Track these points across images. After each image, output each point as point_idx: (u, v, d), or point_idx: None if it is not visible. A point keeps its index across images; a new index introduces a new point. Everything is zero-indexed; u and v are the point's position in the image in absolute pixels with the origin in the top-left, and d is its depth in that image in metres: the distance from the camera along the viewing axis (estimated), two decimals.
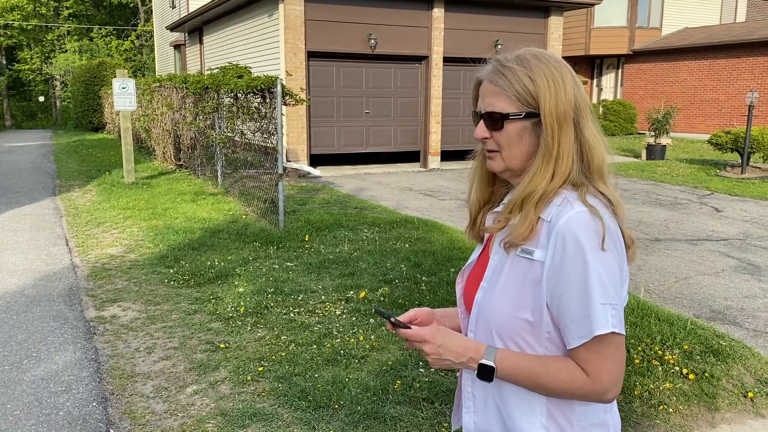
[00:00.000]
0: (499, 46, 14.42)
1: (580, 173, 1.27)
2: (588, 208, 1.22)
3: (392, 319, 1.37)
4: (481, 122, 1.33)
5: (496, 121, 1.29)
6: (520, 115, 1.27)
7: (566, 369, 1.24)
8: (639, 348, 4.01)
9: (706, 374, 3.73)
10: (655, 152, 15.16)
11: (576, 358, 1.23)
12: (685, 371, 3.75)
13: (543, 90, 1.25)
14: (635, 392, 3.53)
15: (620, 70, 22.39)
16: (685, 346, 4.04)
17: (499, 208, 1.39)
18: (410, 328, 1.36)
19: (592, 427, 1.31)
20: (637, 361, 3.85)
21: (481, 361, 1.28)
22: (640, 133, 20.39)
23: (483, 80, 1.34)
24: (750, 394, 3.57)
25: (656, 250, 6.85)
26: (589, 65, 22.88)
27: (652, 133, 15.38)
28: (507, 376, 1.28)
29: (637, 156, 15.81)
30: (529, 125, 1.28)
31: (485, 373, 1.28)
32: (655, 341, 4.11)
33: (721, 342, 4.13)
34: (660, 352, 3.96)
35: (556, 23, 15.28)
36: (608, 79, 22.90)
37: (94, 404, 3.47)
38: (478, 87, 1.37)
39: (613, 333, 1.20)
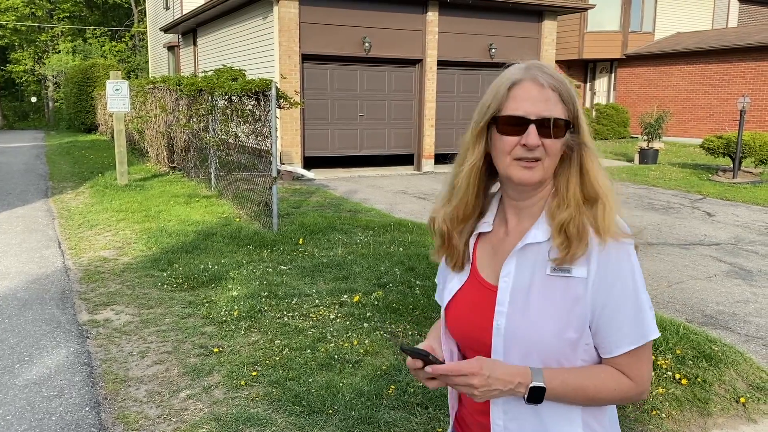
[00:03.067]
0: (493, 50, 14.48)
1: None
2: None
3: (431, 357, 1.23)
4: (534, 129, 1.20)
5: (558, 128, 1.21)
6: (571, 125, 1.25)
7: (611, 377, 1.24)
8: None
9: (699, 379, 3.75)
10: (647, 156, 15.24)
11: (616, 363, 1.24)
12: (677, 376, 3.77)
13: (579, 101, 1.25)
14: None
15: (613, 74, 22.49)
16: (678, 351, 4.06)
17: (483, 228, 1.35)
18: (443, 362, 1.25)
19: (612, 425, 1.34)
20: None
21: (532, 384, 1.20)
22: (632, 137, 20.48)
23: (525, 82, 1.23)
24: (742, 400, 3.59)
25: (648, 255, 6.88)
26: (583, 69, 22.98)
27: (645, 138, 15.47)
28: (556, 394, 1.22)
29: (630, 160, 15.88)
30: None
31: (536, 395, 1.21)
32: None
33: (714, 347, 4.15)
34: (653, 357, 3.97)
35: (549, 27, 15.35)
36: (601, 83, 23.00)
37: (87, 409, 3.46)
38: (509, 89, 1.23)
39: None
